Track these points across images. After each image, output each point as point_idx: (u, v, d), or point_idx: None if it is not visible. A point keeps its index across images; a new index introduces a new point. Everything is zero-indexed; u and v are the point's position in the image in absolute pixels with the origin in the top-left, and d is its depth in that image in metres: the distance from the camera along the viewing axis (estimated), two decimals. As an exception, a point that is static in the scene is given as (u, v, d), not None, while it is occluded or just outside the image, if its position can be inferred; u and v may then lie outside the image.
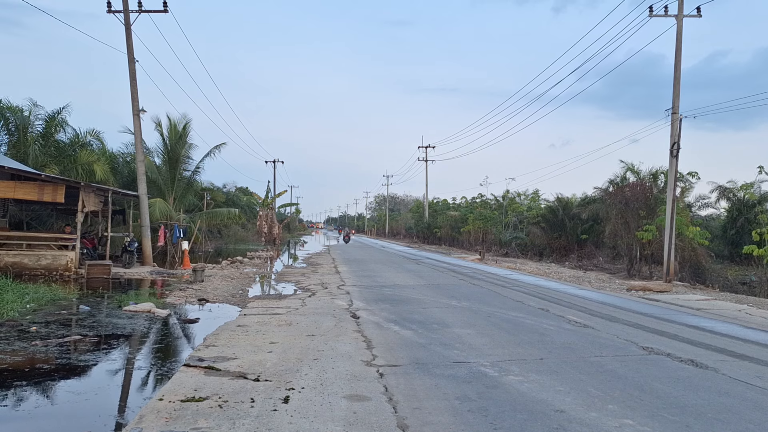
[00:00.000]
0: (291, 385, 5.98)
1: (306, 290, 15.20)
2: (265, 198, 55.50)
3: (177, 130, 30.84)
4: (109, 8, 21.58)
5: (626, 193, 26.33)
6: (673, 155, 20.47)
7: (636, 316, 11.77)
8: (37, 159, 25.40)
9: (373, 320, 10.31)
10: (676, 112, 20.42)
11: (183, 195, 32.38)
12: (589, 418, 5.12)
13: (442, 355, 7.58)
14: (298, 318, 10.42)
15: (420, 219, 66.49)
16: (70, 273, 17.83)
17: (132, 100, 22.24)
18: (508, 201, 48.67)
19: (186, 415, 5.04)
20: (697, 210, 29.85)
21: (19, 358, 7.53)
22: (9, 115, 25.94)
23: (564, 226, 35.53)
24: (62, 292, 13.62)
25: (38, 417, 5.49)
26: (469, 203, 56.10)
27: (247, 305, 12.39)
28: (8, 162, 20.51)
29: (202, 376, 6.37)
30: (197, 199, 38.40)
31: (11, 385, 6.39)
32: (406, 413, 5.15)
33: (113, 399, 6.14)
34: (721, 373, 6.90)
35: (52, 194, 18.05)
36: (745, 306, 14.23)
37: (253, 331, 9.04)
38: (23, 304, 11.42)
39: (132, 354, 8.26)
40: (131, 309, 11.42)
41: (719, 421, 5.13)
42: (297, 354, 7.48)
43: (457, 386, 6.04)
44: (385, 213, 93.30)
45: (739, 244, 24.28)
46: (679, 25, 20.43)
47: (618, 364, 7.22)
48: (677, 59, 20.58)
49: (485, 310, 11.74)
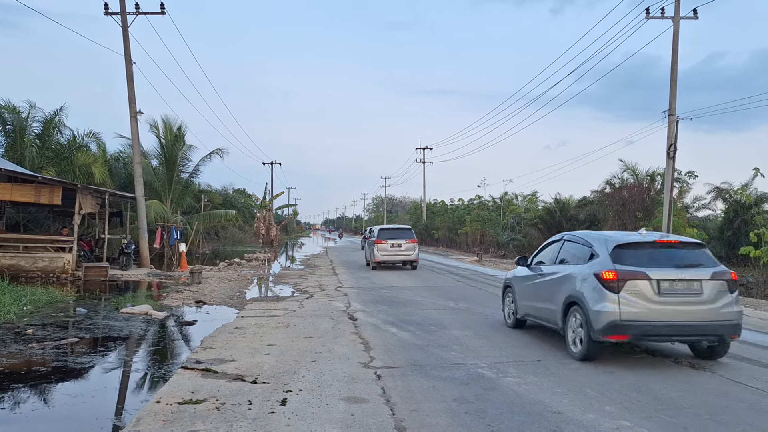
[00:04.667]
0: (288, 387, 5.98)
1: (303, 292, 15.19)
2: (263, 200, 55.50)
3: (173, 132, 30.87)
4: (106, 10, 21.55)
5: (623, 194, 26.40)
6: (669, 156, 20.53)
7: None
8: (34, 161, 25.38)
9: (371, 322, 10.31)
10: (673, 113, 20.48)
11: (180, 197, 32.37)
12: (586, 419, 5.12)
13: (439, 356, 7.58)
14: (296, 320, 10.41)
15: (418, 220, 66.44)
16: (67, 275, 17.80)
17: (129, 102, 22.21)
18: (505, 202, 48.69)
19: (183, 417, 5.03)
20: (694, 211, 29.88)
21: (15, 360, 7.52)
22: (6, 116, 25.90)
23: (561, 228, 35.50)
24: (59, 295, 13.59)
25: (35, 420, 5.48)
26: (467, 205, 56.10)
27: (244, 307, 12.38)
28: (5, 164, 20.49)
29: (199, 378, 6.36)
30: (194, 201, 38.37)
31: (8, 387, 6.37)
32: (403, 415, 5.15)
33: (110, 401, 6.13)
34: (718, 375, 6.91)
35: (49, 196, 18.03)
36: (741, 307, 14.24)
37: (250, 333, 9.03)
38: (20, 306, 11.40)
39: (129, 356, 8.24)
40: (128, 311, 11.40)
41: (716, 422, 5.14)
42: (294, 356, 7.47)
43: (455, 388, 6.05)
44: (383, 215, 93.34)
45: (736, 246, 24.29)
46: (675, 27, 20.50)
47: (615, 366, 7.22)
48: (674, 61, 20.64)
49: (483, 312, 11.74)
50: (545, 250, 9.40)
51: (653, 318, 7.00)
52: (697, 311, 7.10)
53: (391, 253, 21.64)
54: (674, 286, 7.10)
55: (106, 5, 21.51)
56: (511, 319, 9.94)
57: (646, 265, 7.23)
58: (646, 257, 7.41)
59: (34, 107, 26.80)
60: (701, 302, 7.12)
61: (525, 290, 9.43)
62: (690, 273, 7.19)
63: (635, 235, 7.98)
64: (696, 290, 7.13)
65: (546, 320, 8.64)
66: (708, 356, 7.70)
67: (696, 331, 7.16)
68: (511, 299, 9.95)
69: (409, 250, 21.97)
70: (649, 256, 7.45)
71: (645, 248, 7.58)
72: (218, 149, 34.57)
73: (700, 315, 7.10)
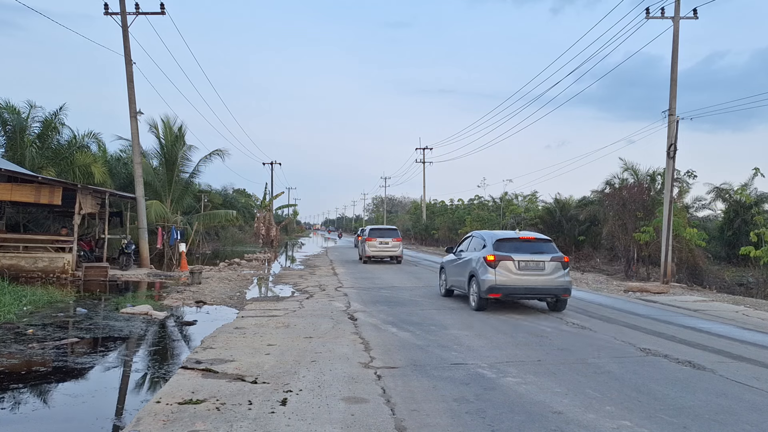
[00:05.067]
0: (289, 388, 5.98)
1: (303, 292, 15.19)
2: (263, 200, 55.51)
3: (173, 132, 30.87)
4: (106, 10, 21.55)
5: (623, 194, 26.34)
6: (669, 156, 20.53)
7: (633, 317, 11.79)
8: (34, 161, 25.37)
9: (371, 322, 10.30)
10: (673, 113, 20.47)
11: (180, 197, 32.36)
12: (586, 419, 5.12)
13: (439, 356, 7.58)
14: (296, 320, 10.41)
15: (417, 220, 66.43)
16: (67, 275, 17.79)
17: (129, 102, 22.21)
18: (505, 203, 48.66)
19: (183, 417, 5.03)
20: (695, 211, 29.84)
21: (15, 360, 7.51)
22: (6, 116, 25.89)
23: (561, 228, 35.55)
24: (59, 295, 13.58)
25: (35, 420, 5.48)
26: (467, 205, 56.07)
27: (244, 307, 12.38)
28: (5, 164, 20.49)
29: (199, 378, 6.36)
30: (195, 201, 38.37)
31: (8, 387, 6.37)
32: (403, 415, 5.15)
33: (110, 402, 6.13)
34: (718, 375, 6.91)
35: (49, 196, 18.03)
36: (742, 307, 14.25)
37: (250, 334, 9.03)
38: (20, 306, 11.39)
39: (129, 356, 8.24)
40: (128, 311, 11.40)
41: (716, 422, 5.14)
42: (295, 356, 7.47)
43: (455, 388, 6.05)
44: (383, 215, 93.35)
45: (736, 246, 24.31)
46: (675, 26, 20.49)
47: (615, 366, 7.23)
48: (674, 61, 20.64)
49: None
50: (463, 243, 13.51)
51: (515, 284, 11.19)
52: (541, 280, 11.26)
53: (380, 249, 25.28)
54: (528, 265, 11.28)
55: (106, 5, 21.52)
56: (443, 290, 14.14)
57: (513, 252, 11.41)
58: (514, 247, 11.56)
59: (34, 107, 26.81)
60: (544, 275, 11.27)
61: (450, 270, 13.61)
62: (538, 257, 11.37)
63: (510, 233, 12.39)
64: (541, 267, 11.29)
65: (459, 288, 12.98)
66: (554, 309, 11.85)
67: (541, 292, 11.38)
68: (444, 277, 14.14)
69: (394, 247, 25.54)
70: (515, 246, 11.60)
71: (513, 242, 11.72)
72: (218, 150, 34.47)
73: (542, 282, 11.27)
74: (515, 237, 11.91)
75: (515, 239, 11.81)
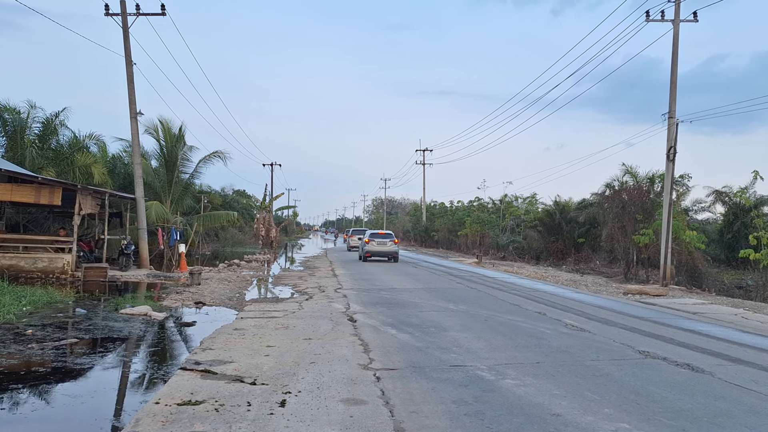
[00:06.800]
0: (288, 389, 5.98)
1: (303, 293, 15.20)
2: (263, 201, 55.50)
3: (173, 133, 30.88)
4: (106, 11, 21.58)
5: (623, 197, 26.38)
6: (669, 159, 20.55)
7: (632, 319, 11.79)
8: (35, 161, 25.37)
9: (370, 324, 10.31)
10: (673, 116, 20.51)
11: (180, 198, 32.37)
12: (585, 421, 5.13)
13: (439, 358, 7.59)
14: (295, 321, 10.41)
15: (417, 222, 66.49)
16: (66, 276, 17.80)
17: (129, 103, 22.24)
18: (505, 204, 48.70)
19: (182, 418, 5.03)
20: (694, 214, 29.88)
21: (15, 361, 7.52)
22: (6, 117, 25.90)
23: (561, 230, 35.58)
24: (59, 295, 13.58)
25: (34, 420, 5.49)
26: (467, 207, 56.09)
27: (243, 308, 12.39)
28: (5, 164, 20.49)
29: (198, 379, 6.36)
30: (194, 201, 38.37)
31: (7, 388, 6.38)
32: (402, 417, 5.16)
33: (109, 402, 6.13)
34: (717, 377, 6.92)
35: (49, 197, 18.04)
36: (741, 310, 14.26)
37: (249, 335, 9.03)
38: (20, 307, 11.40)
39: (128, 357, 8.25)
40: (128, 312, 11.41)
41: (715, 425, 5.15)
42: (294, 357, 7.47)
43: (454, 390, 6.05)
44: (383, 216, 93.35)
45: (736, 248, 24.31)
46: (675, 29, 20.53)
47: (614, 368, 7.23)
48: (674, 64, 20.67)
49: (482, 314, 11.75)
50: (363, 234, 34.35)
51: (374, 250, 29.62)
52: (385, 248, 29.59)
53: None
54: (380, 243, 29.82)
55: (107, 6, 21.55)
56: (362, 258, 30.38)
57: (374, 237, 30.32)
58: (376, 235, 30.79)
59: (34, 107, 26.81)
60: (386, 246, 29.64)
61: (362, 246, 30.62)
62: (384, 239, 30.14)
63: (376, 231, 34.99)
64: (385, 243, 29.71)
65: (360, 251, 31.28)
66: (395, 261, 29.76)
67: (385, 254, 29.79)
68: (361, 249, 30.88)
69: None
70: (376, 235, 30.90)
71: (377, 234, 30.99)
72: (218, 152, 34.31)
73: (386, 249, 29.61)
74: (377, 232, 31.75)
75: (377, 233, 31.03)
